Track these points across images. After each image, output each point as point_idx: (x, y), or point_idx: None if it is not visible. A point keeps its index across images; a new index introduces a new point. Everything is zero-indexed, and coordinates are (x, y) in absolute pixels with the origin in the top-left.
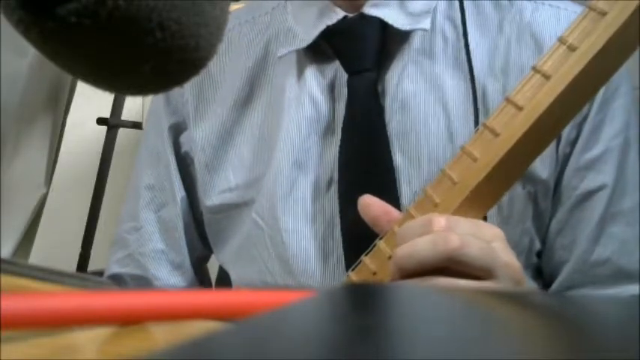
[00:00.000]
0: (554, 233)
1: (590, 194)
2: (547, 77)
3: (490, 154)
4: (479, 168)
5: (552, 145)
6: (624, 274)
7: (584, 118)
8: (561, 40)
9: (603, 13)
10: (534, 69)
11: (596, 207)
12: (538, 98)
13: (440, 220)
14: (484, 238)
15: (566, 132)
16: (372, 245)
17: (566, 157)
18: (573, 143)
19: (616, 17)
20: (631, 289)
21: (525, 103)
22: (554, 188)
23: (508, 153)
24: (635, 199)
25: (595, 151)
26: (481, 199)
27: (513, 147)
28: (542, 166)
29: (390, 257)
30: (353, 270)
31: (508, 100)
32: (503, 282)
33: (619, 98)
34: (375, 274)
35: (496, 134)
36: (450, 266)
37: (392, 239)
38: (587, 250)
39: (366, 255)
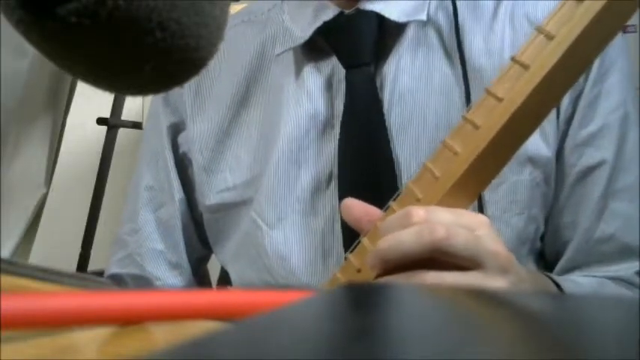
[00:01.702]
0: (558, 212)
1: (589, 170)
2: (525, 67)
3: (471, 147)
4: (460, 161)
5: (554, 124)
6: (629, 250)
7: (580, 94)
8: (539, 29)
9: (580, 0)
10: (513, 59)
11: (597, 183)
12: (517, 89)
13: (418, 212)
14: (468, 227)
15: (564, 109)
16: (357, 242)
17: (564, 134)
18: (570, 120)
19: (592, 4)
20: (636, 265)
21: (504, 94)
22: (556, 167)
23: (489, 145)
24: (637, 175)
25: (592, 127)
26: (463, 193)
27: (493, 139)
28: (547, 147)
29: (359, 270)
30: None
31: (488, 92)
32: (491, 271)
33: (615, 74)
34: (359, 271)
35: (476, 127)
36: (435, 257)
37: (375, 235)
38: (591, 228)
39: (351, 252)
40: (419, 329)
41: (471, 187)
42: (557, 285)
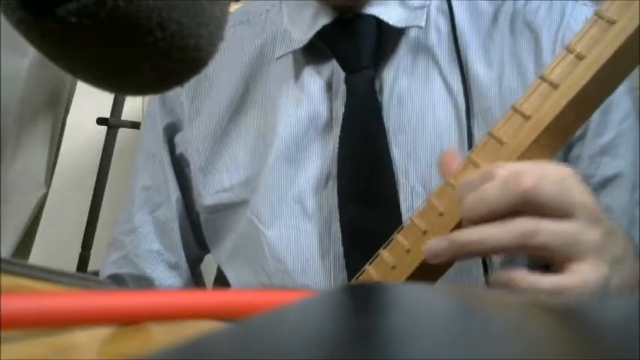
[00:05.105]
0: None
1: (607, 181)
2: (554, 86)
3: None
4: None
5: None
6: None
7: None
8: (569, 49)
9: (612, 22)
10: (541, 77)
11: (618, 193)
12: (545, 107)
13: (500, 166)
14: (554, 178)
15: None
16: (390, 239)
17: (570, 146)
18: (583, 131)
19: (625, 26)
20: None
21: (532, 112)
22: None
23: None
24: None
25: (607, 137)
26: None
27: (520, 157)
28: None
29: (408, 250)
30: (371, 263)
31: (515, 109)
32: (582, 222)
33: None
34: (394, 267)
35: (502, 143)
36: (523, 209)
37: (410, 232)
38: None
39: (385, 248)
40: (417, 330)
41: None
42: None
